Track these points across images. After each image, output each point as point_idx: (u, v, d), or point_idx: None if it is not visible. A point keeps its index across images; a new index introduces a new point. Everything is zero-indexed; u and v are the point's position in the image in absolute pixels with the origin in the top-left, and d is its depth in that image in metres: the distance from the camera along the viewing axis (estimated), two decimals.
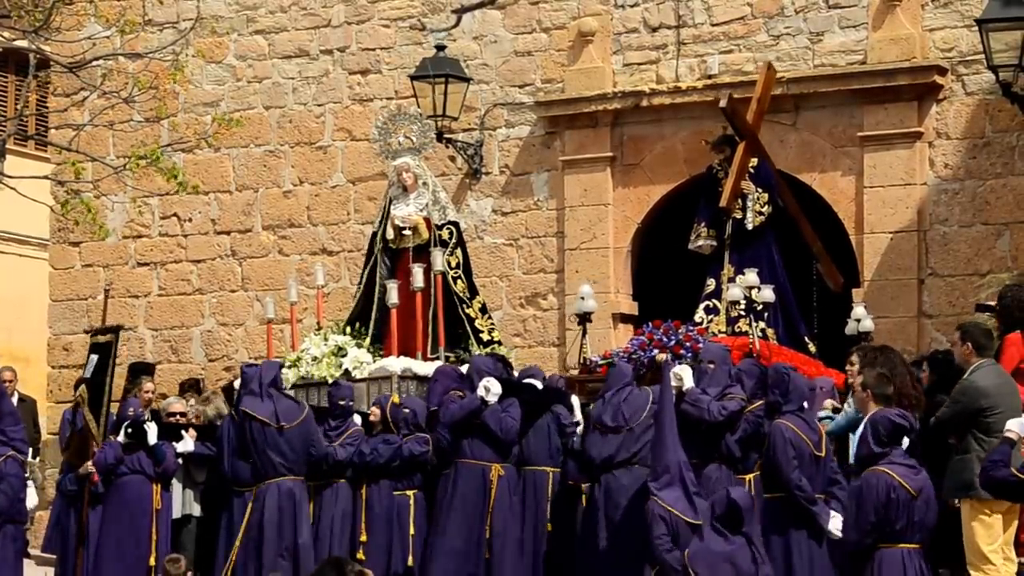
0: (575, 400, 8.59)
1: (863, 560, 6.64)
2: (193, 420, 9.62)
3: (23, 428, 9.01)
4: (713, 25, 11.47)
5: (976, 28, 10.37)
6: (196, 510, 9.45)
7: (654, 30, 11.61)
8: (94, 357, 9.16)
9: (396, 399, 8.83)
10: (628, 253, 11.64)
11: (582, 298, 9.97)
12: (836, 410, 8.38)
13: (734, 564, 7.05)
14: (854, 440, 7.63)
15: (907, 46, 10.96)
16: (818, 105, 11.12)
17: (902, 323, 10.81)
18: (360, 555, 8.52)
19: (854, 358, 8.51)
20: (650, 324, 9.47)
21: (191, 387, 11.31)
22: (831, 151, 11.14)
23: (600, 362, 9.47)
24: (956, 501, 7.50)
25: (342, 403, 8.74)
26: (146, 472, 9.15)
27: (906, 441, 6.86)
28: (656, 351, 9.12)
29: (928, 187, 10.92)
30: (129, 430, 9.16)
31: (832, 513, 7.69)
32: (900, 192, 10.91)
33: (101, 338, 9.28)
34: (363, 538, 8.55)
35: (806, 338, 10.01)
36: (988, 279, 10.57)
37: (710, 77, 11.37)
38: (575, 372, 9.92)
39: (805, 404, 7.93)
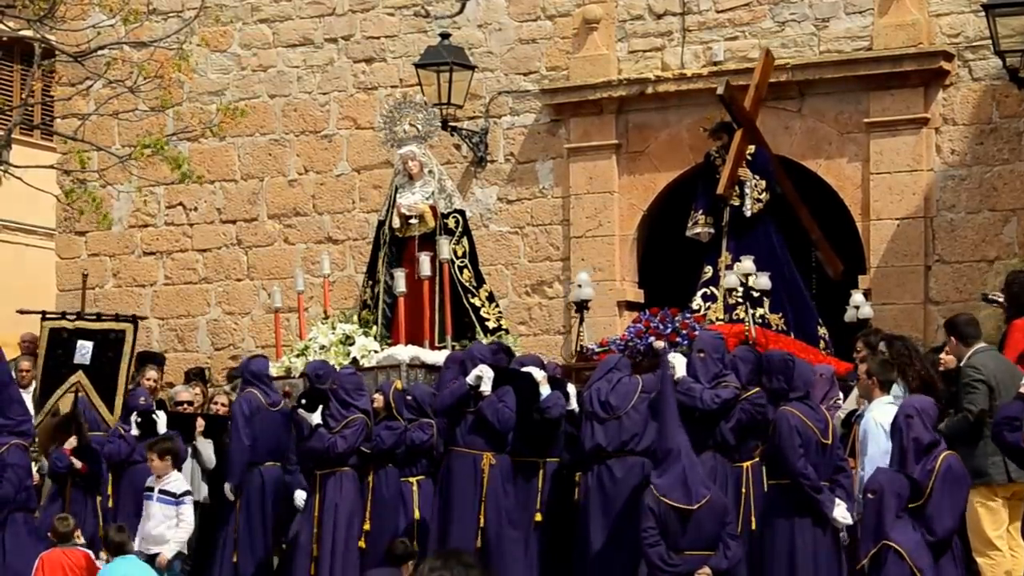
0: (571, 388, 8.57)
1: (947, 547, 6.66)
2: (220, 410, 9.61)
3: (31, 417, 9.02)
4: (718, 12, 11.44)
5: (983, 13, 10.34)
6: (204, 492, 9.46)
7: (659, 17, 11.58)
8: (88, 344, 9.13)
9: (399, 385, 8.83)
10: (634, 240, 11.63)
11: (579, 286, 9.96)
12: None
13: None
14: (872, 430, 7.60)
15: (913, 32, 10.91)
16: (824, 91, 11.09)
17: (908, 310, 10.79)
18: (362, 543, 8.54)
19: (859, 344, 8.50)
20: (647, 311, 9.45)
21: (196, 376, 11.33)
22: (837, 137, 11.11)
23: (597, 350, 9.45)
24: None
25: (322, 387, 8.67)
26: None
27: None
28: (653, 339, 9.09)
29: (935, 173, 10.89)
30: (139, 420, 9.19)
31: (837, 501, 7.67)
32: (906, 179, 10.88)
33: (92, 325, 9.25)
34: (366, 526, 8.55)
35: (819, 323, 9.98)
36: (997, 266, 10.55)
37: (715, 64, 11.34)
38: (574, 360, 9.91)
39: (809, 391, 7.90)
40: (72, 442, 9.14)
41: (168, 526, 8.63)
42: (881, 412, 7.66)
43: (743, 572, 7.65)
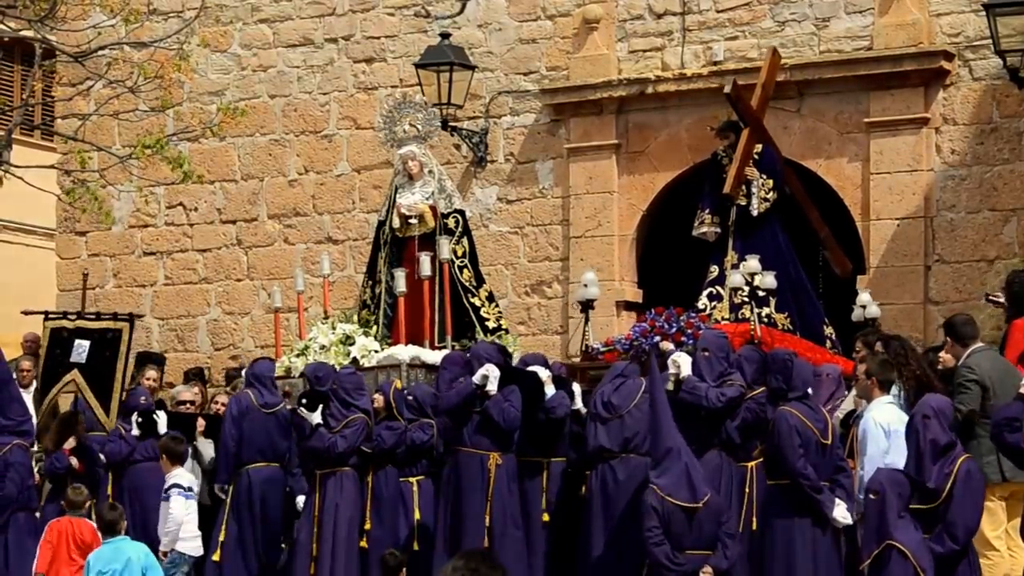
0: (576, 388, 8.57)
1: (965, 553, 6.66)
2: (221, 410, 9.61)
3: (31, 416, 9.03)
4: (718, 11, 11.43)
5: (983, 13, 10.33)
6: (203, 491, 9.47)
7: (659, 17, 11.58)
8: (84, 343, 9.13)
9: (399, 385, 8.84)
10: (633, 240, 11.63)
11: (585, 285, 9.96)
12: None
13: None
14: (871, 430, 7.60)
15: (914, 31, 10.91)
16: (824, 91, 11.09)
17: (908, 310, 10.78)
18: (363, 543, 8.54)
19: (859, 344, 8.50)
20: (652, 311, 9.45)
21: (196, 376, 11.34)
22: (837, 137, 11.10)
23: (602, 349, 9.45)
24: None
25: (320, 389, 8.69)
26: (155, 459, 9.19)
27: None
28: (659, 338, 9.09)
29: (935, 173, 10.89)
30: (139, 420, 9.20)
31: (837, 501, 7.67)
32: (907, 178, 10.88)
33: (91, 324, 9.25)
34: (367, 526, 8.56)
35: (825, 322, 9.96)
36: (997, 266, 10.54)
37: (715, 64, 11.33)
38: (577, 359, 9.90)
39: (809, 391, 7.90)
40: (71, 442, 9.15)
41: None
42: (881, 412, 7.66)
43: (740, 572, 7.65)
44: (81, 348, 9.19)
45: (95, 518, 8.27)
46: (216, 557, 8.81)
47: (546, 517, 8.31)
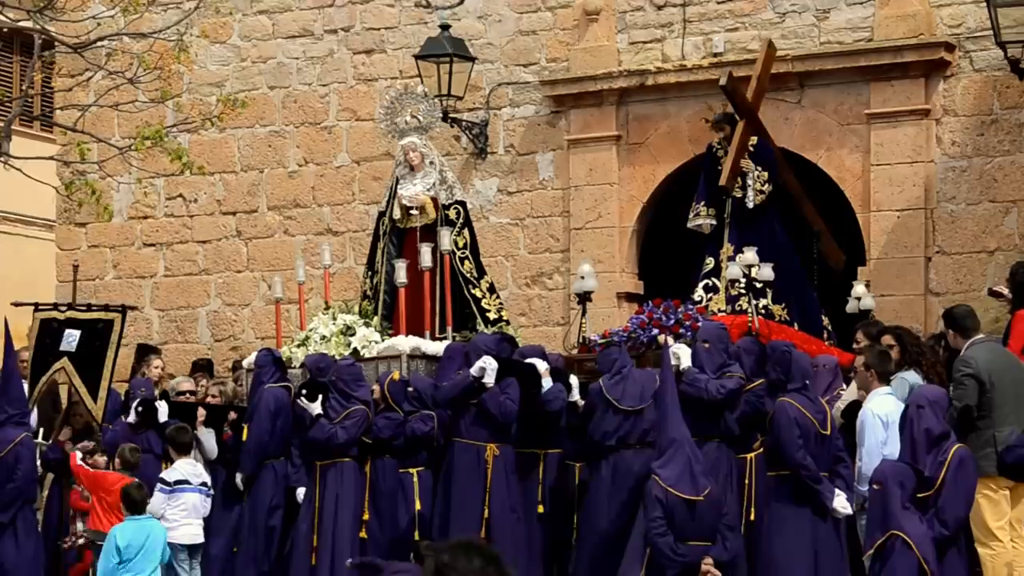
0: (574, 380, 8.57)
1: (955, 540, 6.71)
2: (213, 400, 9.60)
3: (29, 410, 9.03)
4: (719, 3, 11.42)
5: (984, 4, 10.33)
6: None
7: (659, 8, 11.56)
8: (75, 332, 9.10)
9: (396, 376, 8.84)
10: (633, 232, 11.62)
11: (582, 277, 9.95)
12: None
13: None
14: (869, 421, 7.60)
15: (914, 23, 10.91)
16: (825, 83, 11.08)
17: (908, 301, 10.79)
18: (362, 533, 8.55)
19: (860, 335, 8.52)
20: (650, 303, 9.45)
21: (203, 367, 11.32)
22: (838, 129, 11.10)
23: (599, 341, 9.46)
24: None
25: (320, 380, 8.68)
26: (155, 451, 9.20)
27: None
28: (656, 331, 9.09)
29: (935, 165, 10.89)
30: (140, 409, 9.20)
31: (836, 491, 7.68)
32: (907, 170, 10.88)
33: (81, 315, 9.23)
34: (365, 516, 8.57)
35: (822, 314, 9.97)
36: (997, 257, 10.54)
37: (716, 55, 11.32)
38: (575, 351, 9.90)
39: (807, 382, 7.91)
40: (67, 432, 9.15)
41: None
42: (879, 404, 7.68)
43: (742, 563, 7.66)
44: (71, 337, 9.16)
45: (122, 495, 8.30)
46: (234, 550, 8.81)
47: (541, 508, 8.31)
